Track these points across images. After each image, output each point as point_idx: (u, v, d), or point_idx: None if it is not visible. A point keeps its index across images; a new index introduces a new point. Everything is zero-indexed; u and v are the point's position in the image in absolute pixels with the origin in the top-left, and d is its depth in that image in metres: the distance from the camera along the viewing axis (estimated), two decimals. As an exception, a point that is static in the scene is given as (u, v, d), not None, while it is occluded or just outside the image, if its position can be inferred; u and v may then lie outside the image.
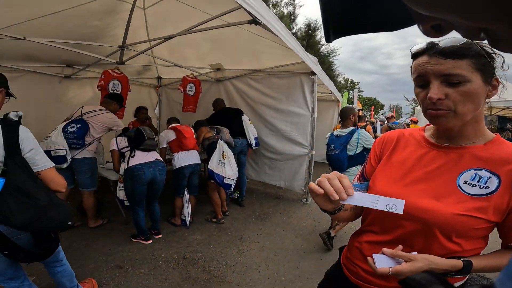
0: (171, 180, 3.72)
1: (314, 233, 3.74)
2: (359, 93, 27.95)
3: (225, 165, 3.67)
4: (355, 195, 0.77)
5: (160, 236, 3.47)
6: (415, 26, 0.27)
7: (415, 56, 0.84)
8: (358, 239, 1.06)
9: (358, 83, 42.27)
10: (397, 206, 0.74)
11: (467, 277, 0.89)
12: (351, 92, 16.21)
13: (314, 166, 4.85)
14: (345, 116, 3.46)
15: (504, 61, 0.79)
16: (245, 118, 4.67)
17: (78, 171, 3.41)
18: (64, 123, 3.34)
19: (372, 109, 27.13)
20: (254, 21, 2.76)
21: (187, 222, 3.75)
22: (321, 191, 0.79)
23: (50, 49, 3.50)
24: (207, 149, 3.91)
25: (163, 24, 4.04)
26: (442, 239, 0.82)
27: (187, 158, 3.64)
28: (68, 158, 3.17)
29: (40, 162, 1.59)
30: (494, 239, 0.89)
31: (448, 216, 0.79)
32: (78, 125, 3.32)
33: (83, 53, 3.70)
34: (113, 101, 3.75)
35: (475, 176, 0.80)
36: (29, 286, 1.83)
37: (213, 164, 3.66)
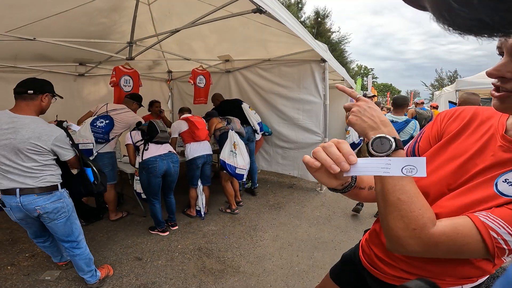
0: (185, 172, 3.79)
1: (329, 222, 3.74)
2: (374, 79, 27.01)
3: (236, 156, 3.70)
4: (359, 162, 0.62)
5: (177, 227, 3.57)
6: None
7: None
8: (378, 223, 1.01)
9: (372, 69, 40.86)
10: (417, 167, 0.57)
11: (478, 280, 0.82)
12: (364, 78, 15.76)
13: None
14: (400, 103, 3.56)
15: None
16: (245, 106, 4.68)
17: (101, 164, 3.53)
18: (91, 118, 3.46)
19: (388, 95, 26.40)
20: (259, 10, 2.73)
21: (202, 213, 3.83)
22: (317, 163, 0.65)
23: (61, 48, 3.58)
24: (218, 140, 3.96)
25: (169, 18, 4.05)
26: None
27: (199, 148, 3.68)
28: (94, 151, 3.30)
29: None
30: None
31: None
32: (106, 121, 3.44)
33: (93, 50, 3.78)
34: (134, 101, 3.87)
35: None
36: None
37: (224, 155, 3.70)
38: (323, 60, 4.46)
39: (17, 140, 1.95)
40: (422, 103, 8.43)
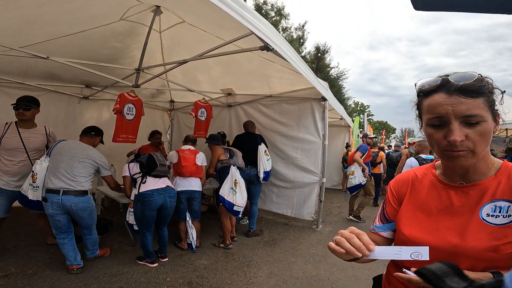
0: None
1: (325, 260, 3.60)
2: (369, 117, 27.48)
3: (236, 193, 3.62)
4: (377, 249, 0.78)
5: (166, 259, 3.39)
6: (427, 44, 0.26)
7: (428, 93, 0.82)
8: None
9: (368, 106, 41.34)
10: (422, 253, 0.73)
11: None
12: (361, 116, 16.08)
13: (324, 192, 4.75)
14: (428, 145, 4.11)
15: (502, 96, 0.80)
16: (261, 148, 4.41)
17: None
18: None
19: (383, 133, 26.73)
20: (266, 47, 2.78)
21: (193, 246, 3.67)
22: (343, 251, 0.79)
23: (70, 68, 3.65)
24: (219, 171, 3.87)
25: (177, 47, 4.18)
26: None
27: (183, 183, 3.62)
28: None
29: None
30: None
31: (479, 251, 0.78)
32: None
33: (101, 75, 3.84)
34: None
35: (495, 208, 0.80)
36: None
37: (224, 191, 3.61)
38: (324, 99, 4.58)
39: (79, 155, 2.99)
40: (414, 143, 8.52)
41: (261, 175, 4.35)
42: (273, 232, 4.62)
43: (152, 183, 3.19)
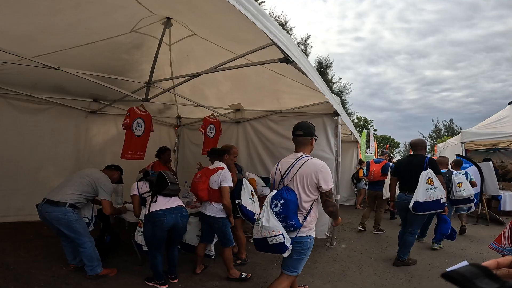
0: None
1: (344, 278, 3.41)
2: (374, 132, 27.15)
3: (254, 203, 3.52)
4: None
5: (177, 280, 3.18)
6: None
7: None
8: None
9: (371, 121, 40.81)
10: None
11: None
12: (366, 131, 16.04)
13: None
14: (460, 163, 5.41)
15: None
16: (424, 174, 3.68)
17: None
18: None
19: (387, 148, 26.65)
20: (286, 59, 2.65)
21: (212, 252, 3.51)
22: None
23: (79, 81, 3.59)
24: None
25: (186, 61, 4.14)
26: None
27: (202, 205, 3.37)
28: None
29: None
30: None
31: None
32: None
33: (111, 87, 3.77)
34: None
35: None
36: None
37: (246, 202, 3.47)
38: (336, 114, 4.49)
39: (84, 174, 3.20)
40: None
41: (411, 204, 3.60)
42: (285, 251, 4.41)
43: (163, 203, 3.04)
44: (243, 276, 3.29)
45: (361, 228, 5.71)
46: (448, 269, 0.68)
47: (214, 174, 3.20)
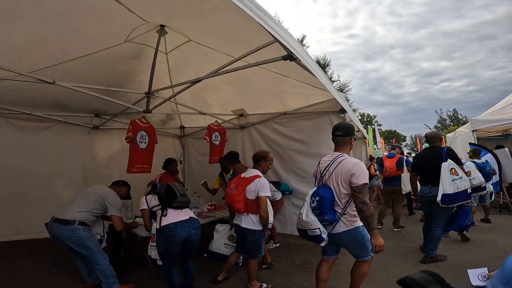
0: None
1: (371, 280, 3.24)
2: (378, 127, 26.76)
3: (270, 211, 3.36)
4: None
5: (194, 294, 3.06)
6: None
7: None
8: None
9: (375, 116, 39.55)
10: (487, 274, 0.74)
11: None
12: (370, 126, 15.86)
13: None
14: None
15: None
16: (445, 165, 3.60)
17: None
18: None
19: (393, 142, 26.41)
20: (290, 56, 2.57)
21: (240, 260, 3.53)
22: None
23: (78, 97, 3.53)
24: None
25: (184, 68, 4.06)
26: None
27: (237, 219, 3.18)
28: None
29: None
30: None
31: None
32: None
33: (110, 100, 3.69)
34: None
35: None
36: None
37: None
38: (343, 110, 4.34)
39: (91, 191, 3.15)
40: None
41: (439, 197, 3.52)
42: (303, 254, 4.21)
43: (174, 216, 2.92)
44: (263, 287, 3.14)
45: (378, 226, 5.55)
46: (469, 272, 0.95)
47: (251, 183, 3.01)
